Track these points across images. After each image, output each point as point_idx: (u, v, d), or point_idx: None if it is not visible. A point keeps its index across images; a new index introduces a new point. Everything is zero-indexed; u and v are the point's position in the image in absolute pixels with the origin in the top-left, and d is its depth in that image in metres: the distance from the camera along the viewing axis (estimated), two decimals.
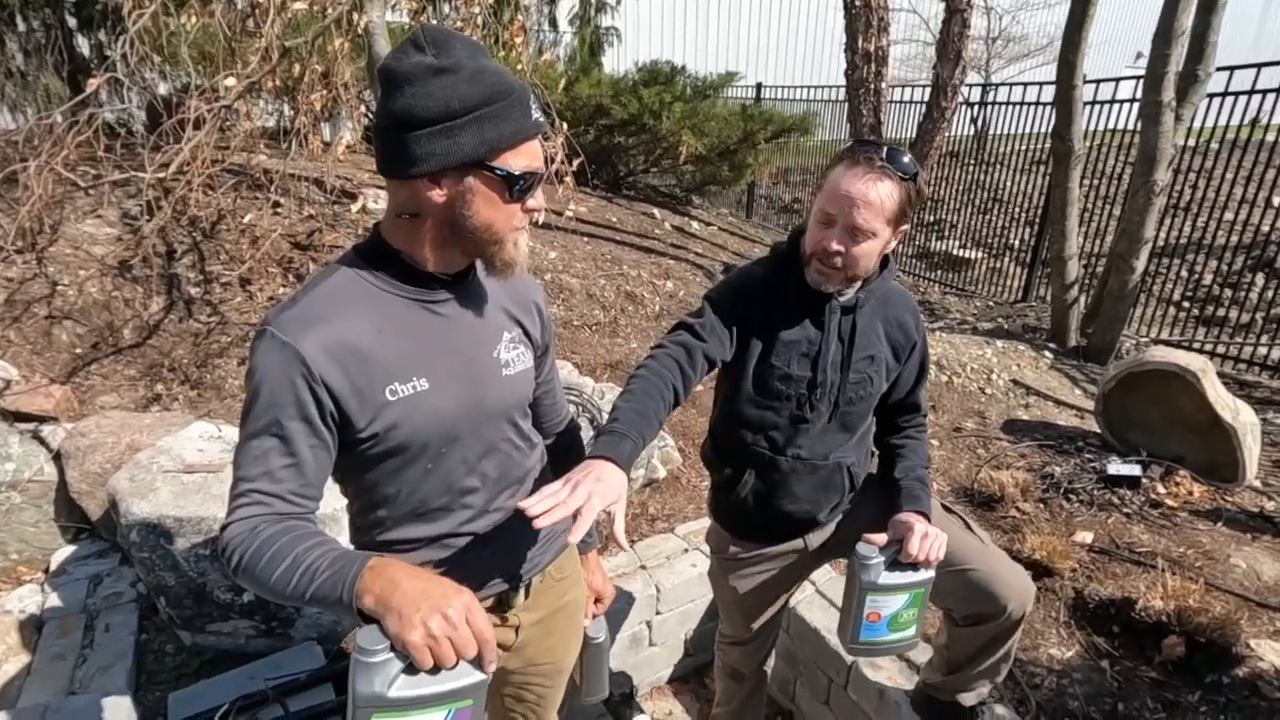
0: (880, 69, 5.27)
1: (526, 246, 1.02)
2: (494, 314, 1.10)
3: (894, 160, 1.22)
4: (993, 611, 1.47)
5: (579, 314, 3.95)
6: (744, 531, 1.58)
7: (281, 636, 2.05)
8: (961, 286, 6.20)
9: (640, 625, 2.33)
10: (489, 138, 0.90)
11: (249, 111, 3.20)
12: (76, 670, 1.96)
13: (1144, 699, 1.94)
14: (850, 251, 1.26)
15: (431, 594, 0.81)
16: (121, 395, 2.88)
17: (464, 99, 0.88)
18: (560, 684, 1.40)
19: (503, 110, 0.90)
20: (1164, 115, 3.62)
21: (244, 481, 0.92)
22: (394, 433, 0.98)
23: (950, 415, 3.54)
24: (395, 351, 0.97)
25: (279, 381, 0.90)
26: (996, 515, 2.68)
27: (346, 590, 0.82)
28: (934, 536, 1.30)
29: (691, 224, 6.20)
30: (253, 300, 3.38)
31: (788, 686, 2.37)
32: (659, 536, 2.56)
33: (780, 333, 1.38)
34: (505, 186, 0.93)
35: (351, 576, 0.82)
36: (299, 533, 0.89)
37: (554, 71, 4.79)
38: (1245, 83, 3.95)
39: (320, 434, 0.93)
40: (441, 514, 1.08)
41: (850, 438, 1.46)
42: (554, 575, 1.27)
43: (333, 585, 0.83)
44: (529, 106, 0.93)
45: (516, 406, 1.14)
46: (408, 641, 0.77)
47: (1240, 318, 5.04)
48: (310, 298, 0.95)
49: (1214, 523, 2.55)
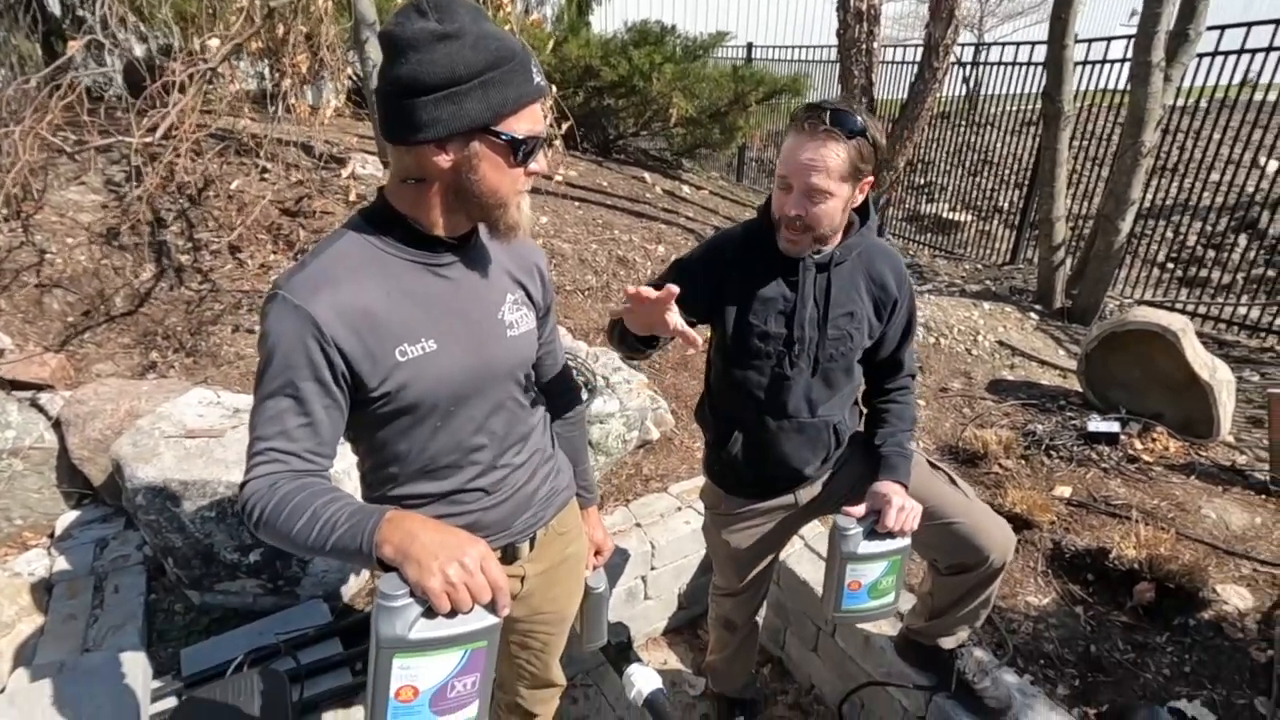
0: (872, 28, 5.19)
1: (529, 209, 1.04)
2: (497, 276, 1.13)
3: (839, 121, 1.26)
4: (975, 561, 1.55)
5: (571, 279, 3.96)
6: (736, 488, 1.64)
7: (288, 594, 2.11)
8: (950, 249, 6.23)
9: (636, 580, 2.41)
10: (494, 103, 0.92)
11: (233, 74, 3.14)
12: (89, 629, 2.01)
13: (1115, 641, 2.04)
14: (810, 212, 1.31)
15: (449, 543, 0.86)
16: (117, 363, 2.89)
17: (469, 65, 0.90)
18: (563, 632, 1.47)
19: (507, 75, 0.92)
20: (1153, 75, 3.63)
21: (261, 440, 0.95)
22: (404, 393, 1.01)
23: (937, 376, 3.61)
24: (404, 314, 1.00)
25: (292, 344, 0.93)
26: (980, 472, 2.76)
27: (366, 540, 0.86)
28: (909, 509, 1.39)
29: (683, 188, 6.17)
30: (243, 267, 3.37)
31: (778, 635, 2.47)
32: (653, 495, 2.63)
33: (757, 291, 1.42)
34: (510, 151, 0.95)
35: (371, 527, 0.87)
36: (316, 488, 0.93)
37: (542, 32, 4.70)
38: (1235, 43, 3.95)
39: (333, 394, 0.97)
40: (450, 470, 1.12)
41: (834, 394, 1.51)
42: (556, 529, 1.33)
43: (352, 536, 0.87)
44: (530, 70, 0.95)
45: (521, 366, 1.17)
46: (427, 588, 0.82)
47: (1222, 279, 5.12)
48: (320, 261, 0.97)
49: (1187, 476, 2.65)
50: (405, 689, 0.85)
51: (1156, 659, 1.98)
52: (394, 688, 0.84)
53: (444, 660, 0.85)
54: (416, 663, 0.84)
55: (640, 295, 1.08)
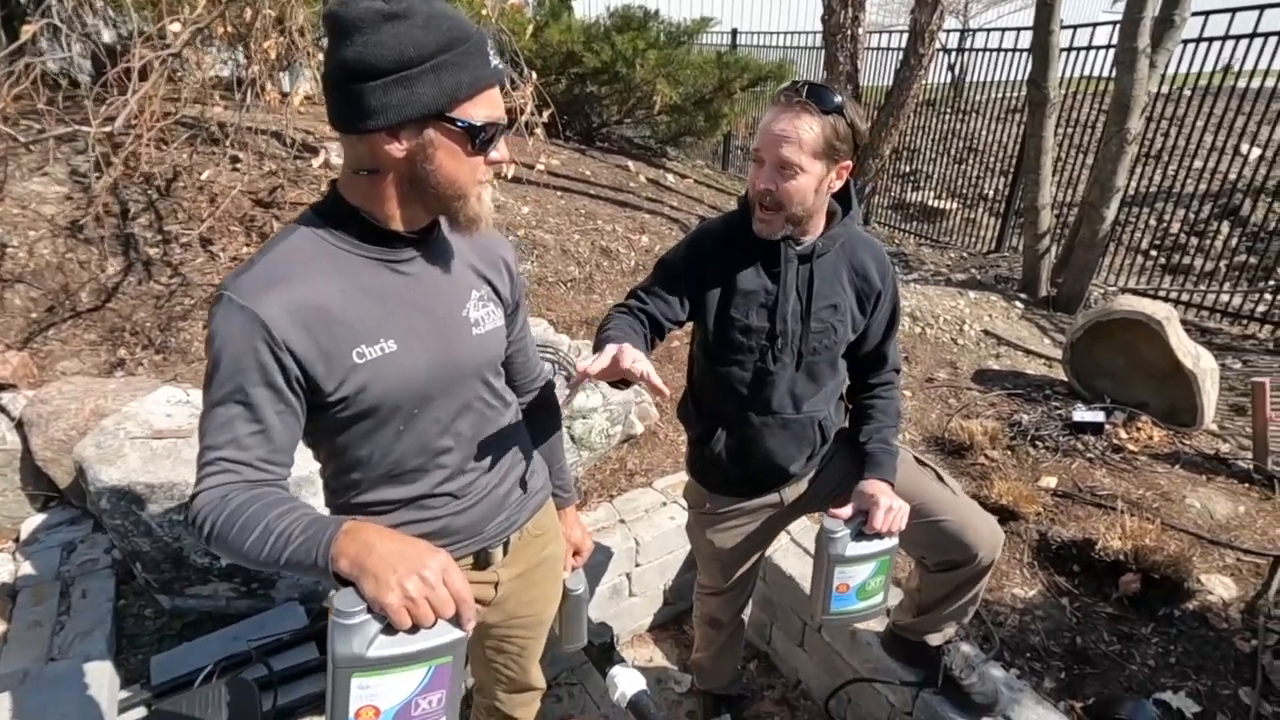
0: (857, 14, 5.14)
1: (491, 200, 0.99)
2: (461, 272, 1.08)
3: (814, 95, 1.23)
4: (964, 559, 1.53)
5: (553, 270, 3.90)
6: (720, 487, 1.60)
7: (263, 597, 2.05)
8: (936, 238, 6.22)
9: (620, 577, 2.37)
10: (449, 87, 0.86)
11: (200, 60, 3.03)
12: (55, 637, 1.94)
13: (1101, 632, 2.04)
14: (781, 188, 1.27)
15: (408, 555, 0.81)
16: (83, 360, 2.80)
17: (420, 46, 0.84)
18: (541, 635, 1.43)
19: (461, 58, 0.86)
20: (1139, 62, 3.61)
21: (211, 450, 0.90)
22: (363, 395, 0.96)
23: (923, 366, 3.59)
24: (360, 313, 0.95)
25: (240, 347, 0.88)
26: (966, 463, 2.75)
27: (321, 554, 0.82)
28: (897, 508, 1.36)
29: (667, 176, 6.10)
30: (215, 260, 3.28)
31: (764, 630, 2.44)
32: (637, 490, 2.59)
33: (737, 284, 1.38)
34: (467, 138, 0.90)
35: (326, 540, 0.82)
36: (270, 499, 0.89)
37: (522, 17, 4.59)
38: (1217, 29, 3.93)
39: (286, 399, 0.92)
40: (417, 475, 1.07)
41: (819, 389, 1.47)
42: (532, 531, 1.28)
43: (307, 550, 0.83)
44: (486, 52, 0.89)
45: (488, 365, 1.12)
46: (385, 603, 0.78)
47: (1205, 266, 5.15)
48: (268, 259, 0.92)
49: (1172, 465, 2.65)
50: (366, 709, 0.80)
51: (1142, 650, 1.98)
52: (353, 708, 0.80)
53: (406, 678, 0.81)
54: (376, 682, 0.80)
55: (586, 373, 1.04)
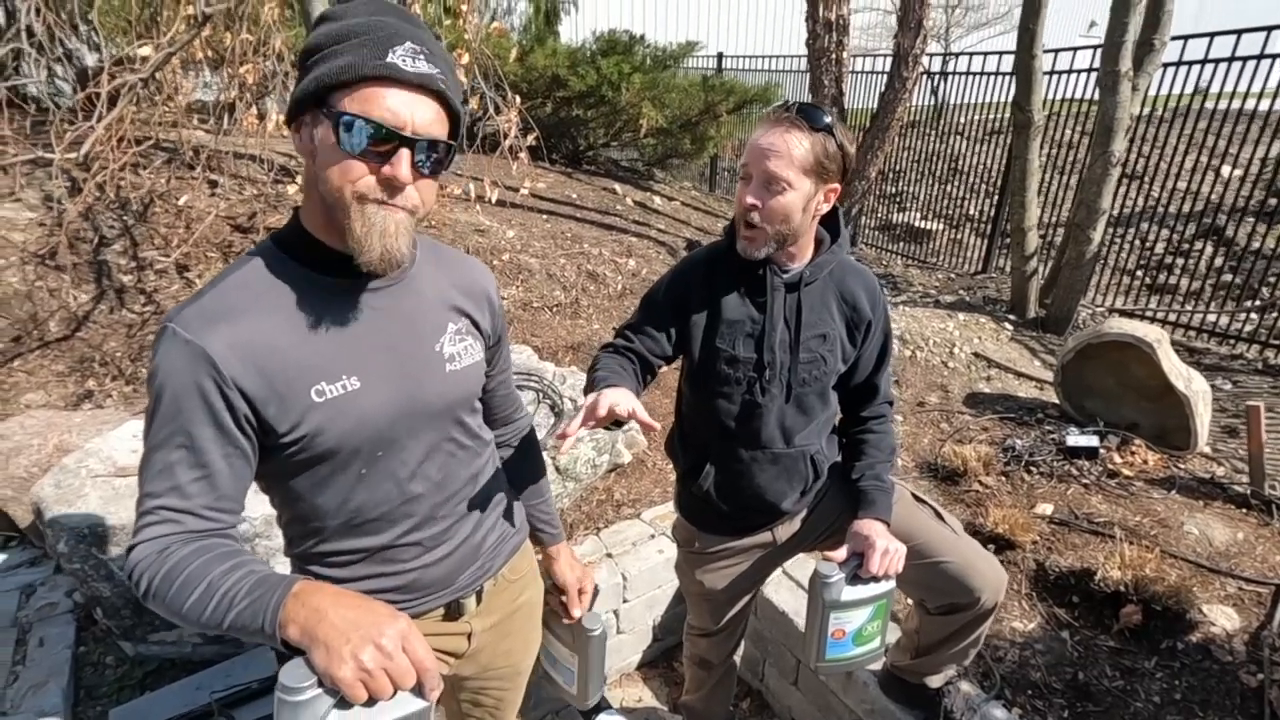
0: (841, 38, 5.18)
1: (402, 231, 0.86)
2: (436, 304, 1.01)
3: (805, 114, 1.21)
4: (966, 602, 1.46)
5: (539, 295, 3.84)
6: (709, 525, 1.53)
7: (231, 643, 1.95)
8: (923, 259, 6.24)
9: (608, 614, 2.29)
10: (329, 70, 0.80)
11: (178, 85, 2.99)
12: (7, 689, 1.84)
13: (1103, 667, 1.97)
14: (767, 205, 1.22)
15: (362, 623, 0.74)
16: (49, 392, 2.70)
17: (324, 35, 0.82)
18: (519, 685, 1.35)
19: (354, 45, 0.80)
20: (1121, 85, 3.63)
21: (150, 498, 0.83)
22: (320, 439, 0.89)
23: (914, 390, 3.55)
24: (319, 348, 0.88)
25: (184, 385, 0.81)
26: (960, 490, 2.69)
27: (268, 620, 0.75)
28: (894, 550, 1.30)
29: (654, 199, 6.09)
30: (191, 287, 3.20)
31: (756, 667, 2.36)
32: (625, 522, 2.51)
33: (723, 313, 1.33)
34: (334, 128, 0.81)
35: (274, 605, 0.76)
36: (215, 553, 0.81)
37: (507, 41, 4.59)
38: (1198, 52, 3.98)
39: (235, 441, 0.85)
40: (381, 524, 1.00)
41: (810, 421, 1.41)
42: (507, 577, 1.21)
43: (253, 614, 0.76)
44: (386, 45, 0.81)
45: (462, 404, 1.05)
46: (337, 677, 0.71)
47: (1189, 285, 5.17)
48: (218, 290, 0.86)
49: (1168, 490, 2.61)
50: None
51: (1146, 685, 1.91)
52: None
53: None
54: None
55: (566, 435, 1.01)
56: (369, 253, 0.84)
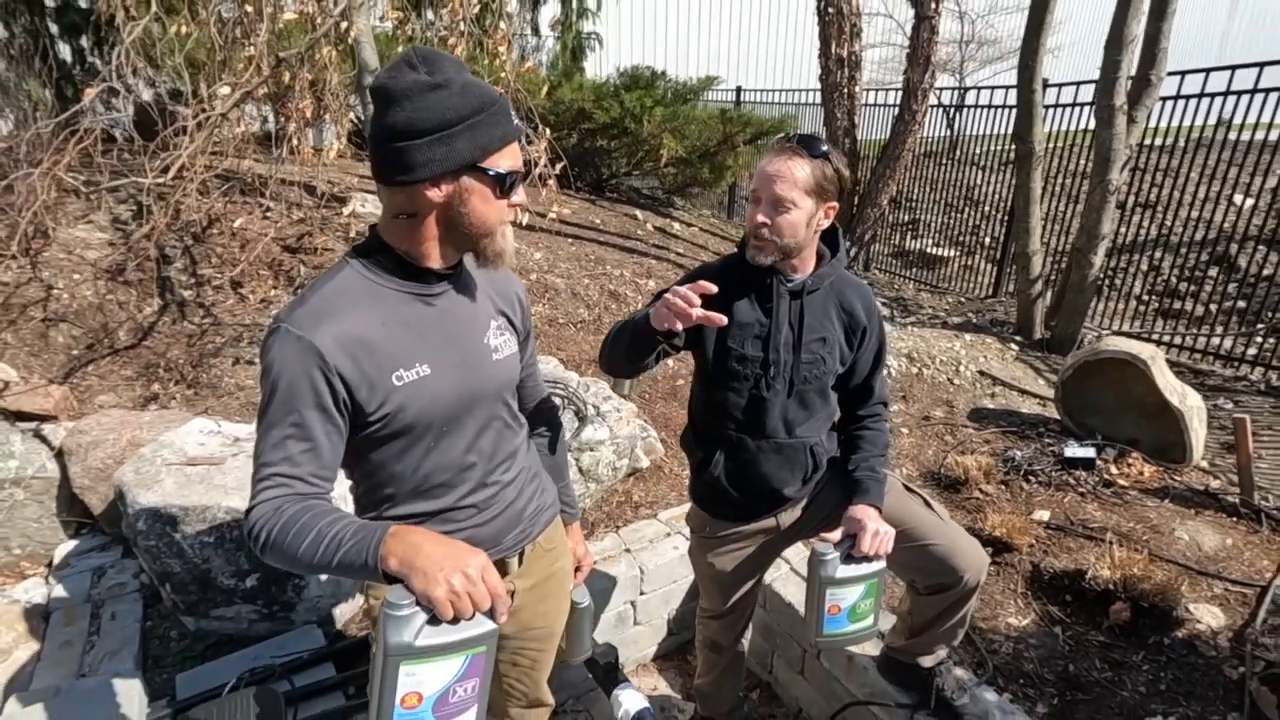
0: (853, 73, 5.44)
1: (512, 238, 1.15)
2: (482, 305, 1.22)
3: (803, 143, 1.42)
4: (951, 581, 1.61)
5: (564, 312, 4.07)
6: (720, 511, 1.70)
7: (283, 620, 2.14)
8: (935, 283, 6.39)
9: (625, 605, 2.45)
10: (481, 143, 1.03)
11: (239, 118, 3.28)
12: (85, 656, 2.04)
13: (1093, 660, 2.09)
14: (775, 222, 1.43)
15: (452, 554, 0.91)
16: (119, 395, 2.96)
17: (458, 110, 1.00)
18: (552, 648, 1.52)
19: (491, 118, 1.03)
20: (1116, 118, 3.81)
21: (266, 466, 1.01)
22: (401, 415, 1.08)
23: (920, 405, 3.70)
24: (399, 341, 1.08)
25: (296, 373, 0.99)
26: (961, 497, 2.83)
27: (371, 554, 0.91)
28: (883, 532, 1.46)
29: (673, 225, 6.33)
30: (244, 302, 3.46)
31: (765, 659, 2.50)
32: (642, 522, 2.68)
33: (734, 316, 1.52)
34: (496, 184, 1.06)
35: (376, 542, 0.92)
36: (320, 509, 0.99)
37: (537, 77, 4.89)
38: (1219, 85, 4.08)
39: (334, 420, 1.03)
40: (443, 489, 1.18)
41: (810, 415, 1.59)
42: (544, 545, 1.39)
43: (358, 552, 0.92)
44: (509, 113, 1.07)
45: (506, 387, 1.26)
46: (433, 597, 0.87)
47: (1195, 310, 5.27)
48: (319, 295, 1.05)
49: (1161, 500, 2.72)
50: (411, 695, 0.88)
51: (1133, 677, 2.03)
52: (400, 694, 0.87)
53: (446, 666, 0.89)
54: (421, 669, 0.88)
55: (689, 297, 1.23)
56: (503, 256, 1.12)
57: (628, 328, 1.46)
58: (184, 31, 2.95)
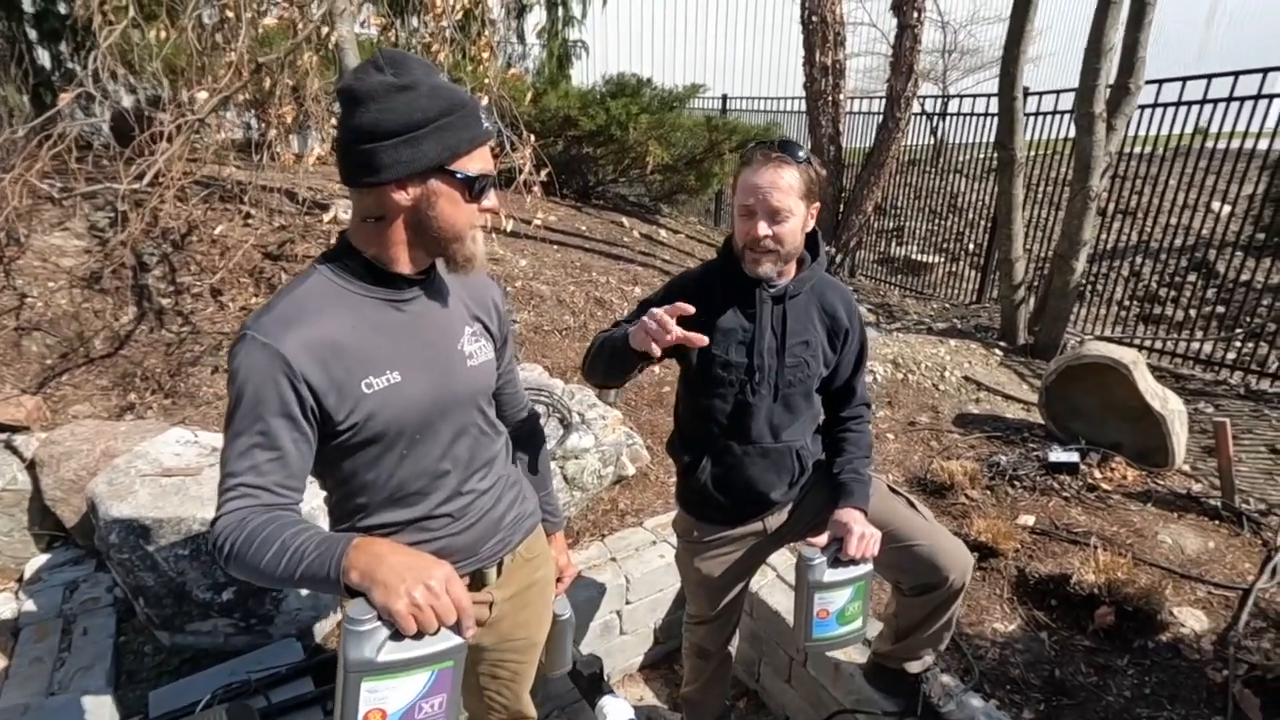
0: (838, 82, 5.49)
1: (483, 243, 1.13)
2: (456, 310, 1.20)
3: (786, 150, 1.41)
4: (936, 581, 1.61)
5: (549, 319, 4.05)
6: (706, 515, 1.69)
7: (261, 633, 2.10)
8: (920, 289, 6.43)
9: (611, 614, 2.42)
10: (449, 144, 1.01)
11: (219, 124, 3.24)
12: (55, 672, 1.99)
13: (1078, 664, 2.09)
14: (777, 233, 1.42)
15: (415, 566, 0.89)
16: (94, 404, 2.90)
17: (425, 111, 0.99)
18: (533, 659, 1.49)
19: (460, 120, 1.01)
20: (1096, 126, 3.86)
21: (231, 476, 0.98)
22: (371, 422, 1.06)
23: (906, 410, 3.71)
24: (368, 347, 1.05)
25: (262, 381, 0.97)
26: (947, 502, 2.83)
27: (334, 567, 0.89)
28: (869, 535, 1.45)
29: (660, 232, 6.34)
30: (224, 310, 3.42)
31: (752, 667, 2.48)
32: (628, 530, 2.66)
33: (717, 323, 1.51)
34: (465, 188, 1.04)
35: (338, 554, 0.90)
36: (285, 520, 0.96)
37: (522, 84, 4.89)
38: (1197, 94, 4.14)
39: (302, 428, 1.01)
40: (417, 498, 1.16)
41: (795, 419, 1.58)
42: (524, 554, 1.37)
43: (321, 564, 0.90)
44: (479, 116, 1.05)
45: (482, 394, 1.24)
46: (394, 610, 0.85)
47: (1176, 315, 5.33)
48: (287, 301, 1.03)
49: (1144, 504, 2.74)
50: (374, 712, 0.86)
51: (1118, 681, 2.03)
52: (362, 711, 0.86)
53: (411, 682, 0.87)
54: (384, 685, 0.86)
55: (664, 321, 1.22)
56: (473, 261, 1.10)
57: (608, 345, 1.44)
58: (162, 37, 2.92)
